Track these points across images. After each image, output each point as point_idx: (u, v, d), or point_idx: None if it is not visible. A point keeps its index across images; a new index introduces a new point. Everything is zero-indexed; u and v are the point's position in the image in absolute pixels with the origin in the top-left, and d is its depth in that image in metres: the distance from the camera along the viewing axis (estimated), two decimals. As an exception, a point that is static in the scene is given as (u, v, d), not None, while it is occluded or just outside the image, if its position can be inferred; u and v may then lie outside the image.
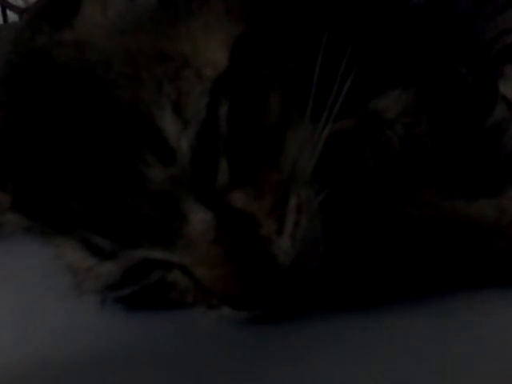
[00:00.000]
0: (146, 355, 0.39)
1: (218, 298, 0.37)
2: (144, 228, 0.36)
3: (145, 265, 0.38)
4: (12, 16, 1.53)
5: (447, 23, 0.42)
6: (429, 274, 0.38)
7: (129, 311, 0.41)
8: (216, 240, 0.36)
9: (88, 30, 0.38)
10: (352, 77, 0.38)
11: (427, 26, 0.42)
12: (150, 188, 0.35)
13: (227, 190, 0.36)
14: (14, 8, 1.51)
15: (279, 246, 0.36)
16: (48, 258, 0.41)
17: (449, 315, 0.37)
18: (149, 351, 0.39)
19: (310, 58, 0.39)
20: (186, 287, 0.39)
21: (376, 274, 0.38)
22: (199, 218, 0.36)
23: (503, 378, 0.32)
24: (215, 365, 0.37)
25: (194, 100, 0.35)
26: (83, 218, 0.36)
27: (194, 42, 0.37)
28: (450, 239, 0.38)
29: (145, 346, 0.40)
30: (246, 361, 0.37)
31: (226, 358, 0.37)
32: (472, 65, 0.41)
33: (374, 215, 0.38)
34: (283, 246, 0.36)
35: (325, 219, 0.38)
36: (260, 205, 0.37)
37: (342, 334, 0.37)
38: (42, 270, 0.40)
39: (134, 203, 0.35)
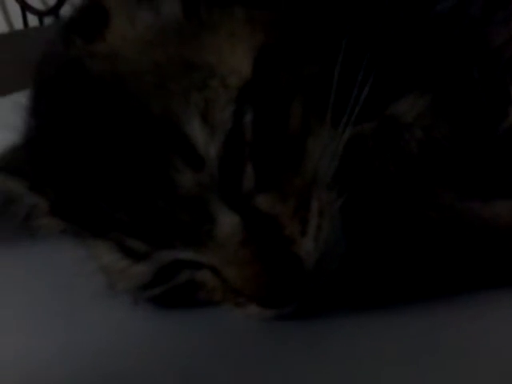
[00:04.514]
0: (175, 353, 0.40)
1: (246, 296, 0.38)
2: (176, 230, 0.37)
3: (175, 265, 0.40)
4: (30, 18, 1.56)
5: (462, 29, 0.42)
6: (445, 274, 0.39)
7: (159, 310, 0.42)
8: (243, 241, 0.37)
9: (118, 42, 0.39)
10: (370, 81, 0.39)
11: (444, 34, 0.42)
12: (180, 193, 0.36)
13: (253, 194, 0.38)
14: (31, 9, 1.53)
15: (303, 246, 0.37)
16: (81, 259, 0.42)
17: (460, 317, 0.38)
18: (178, 349, 0.40)
19: (329, 64, 0.40)
20: (214, 286, 0.40)
21: (394, 275, 0.39)
22: (227, 221, 0.37)
23: (502, 377, 0.33)
24: (241, 362, 0.38)
25: (220, 108, 0.37)
26: (118, 221, 0.38)
27: (219, 51, 0.38)
28: (465, 240, 0.39)
29: (174, 344, 0.41)
30: (270, 357, 0.38)
31: (251, 355, 0.38)
32: (483, 70, 0.41)
33: (394, 217, 0.39)
34: (307, 247, 0.37)
35: (345, 222, 0.39)
36: (284, 208, 0.38)
37: (362, 333, 0.38)
38: (75, 270, 0.42)
39: (166, 207, 0.37)
